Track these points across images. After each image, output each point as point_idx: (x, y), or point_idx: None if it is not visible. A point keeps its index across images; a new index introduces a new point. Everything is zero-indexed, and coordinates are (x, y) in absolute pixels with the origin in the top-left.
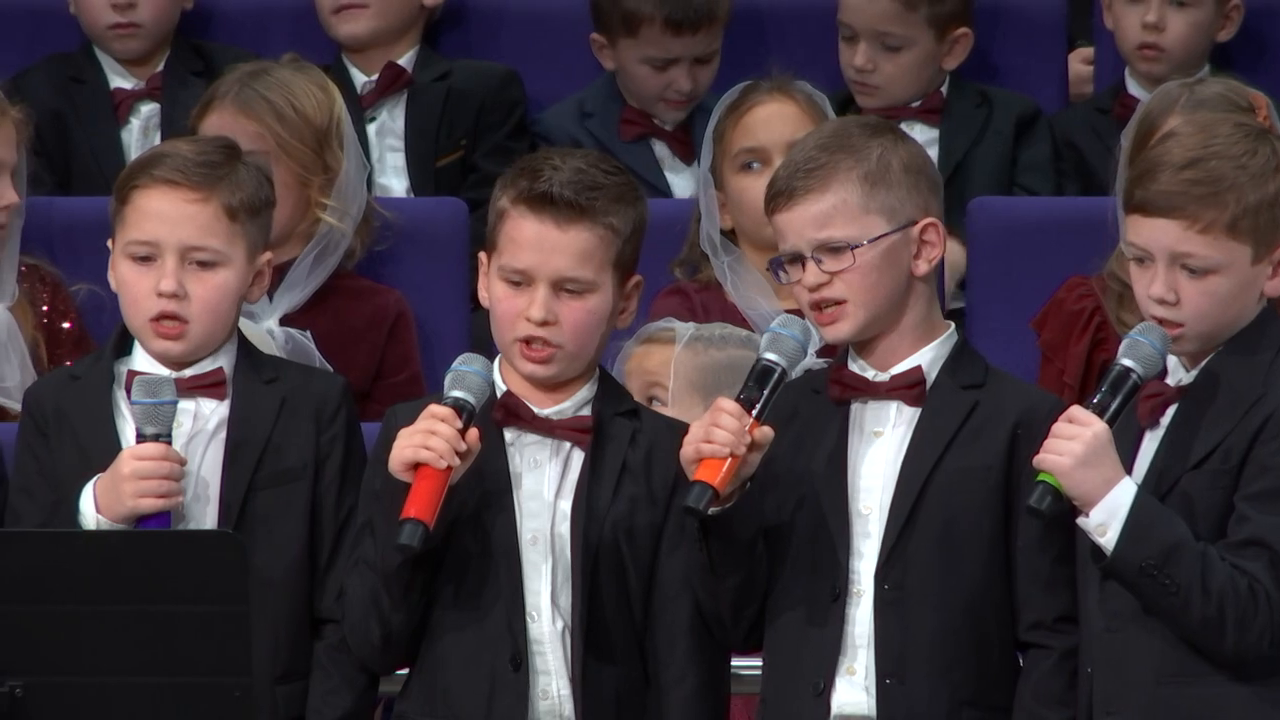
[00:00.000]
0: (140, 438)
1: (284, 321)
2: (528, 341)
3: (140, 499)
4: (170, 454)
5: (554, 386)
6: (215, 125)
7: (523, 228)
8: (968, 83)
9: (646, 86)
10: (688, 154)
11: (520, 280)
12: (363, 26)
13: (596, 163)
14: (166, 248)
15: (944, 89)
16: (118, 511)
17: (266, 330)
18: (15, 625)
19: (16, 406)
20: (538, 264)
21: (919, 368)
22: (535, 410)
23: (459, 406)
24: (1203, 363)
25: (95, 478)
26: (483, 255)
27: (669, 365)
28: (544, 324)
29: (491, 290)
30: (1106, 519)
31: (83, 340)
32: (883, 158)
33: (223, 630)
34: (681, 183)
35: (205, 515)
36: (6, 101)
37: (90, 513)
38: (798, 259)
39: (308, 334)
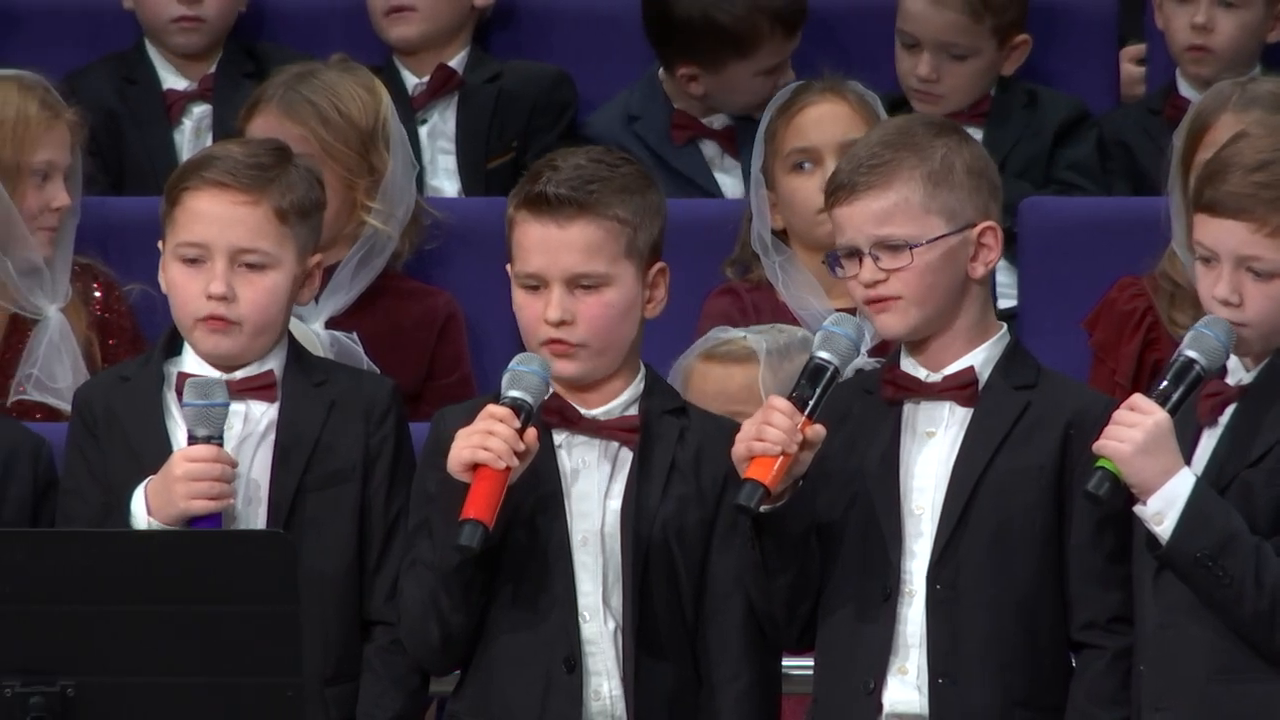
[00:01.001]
0: (192, 440)
1: (332, 323)
2: (551, 344)
3: (192, 500)
4: (222, 456)
5: (597, 386)
6: (261, 128)
7: (528, 232)
8: (1016, 83)
9: (756, 98)
10: (736, 154)
11: (535, 284)
12: (413, 30)
13: (600, 157)
14: (216, 250)
15: (992, 90)
16: (169, 513)
17: (313, 333)
18: (67, 625)
19: (67, 407)
20: (546, 265)
21: (971, 368)
22: (582, 411)
23: (517, 406)
24: (1264, 362)
25: (147, 480)
26: (508, 268)
27: (752, 388)
28: (561, 324)
29: (514, 299)
30: (1164, 508)
31: (136, 340)
32: (946, 158)
33: (273, 630)
34: (730, 182)
35: (255, 516)
36: (62, 103)
37: (141, 514)
38: (854, 254)
39: (354, 336)
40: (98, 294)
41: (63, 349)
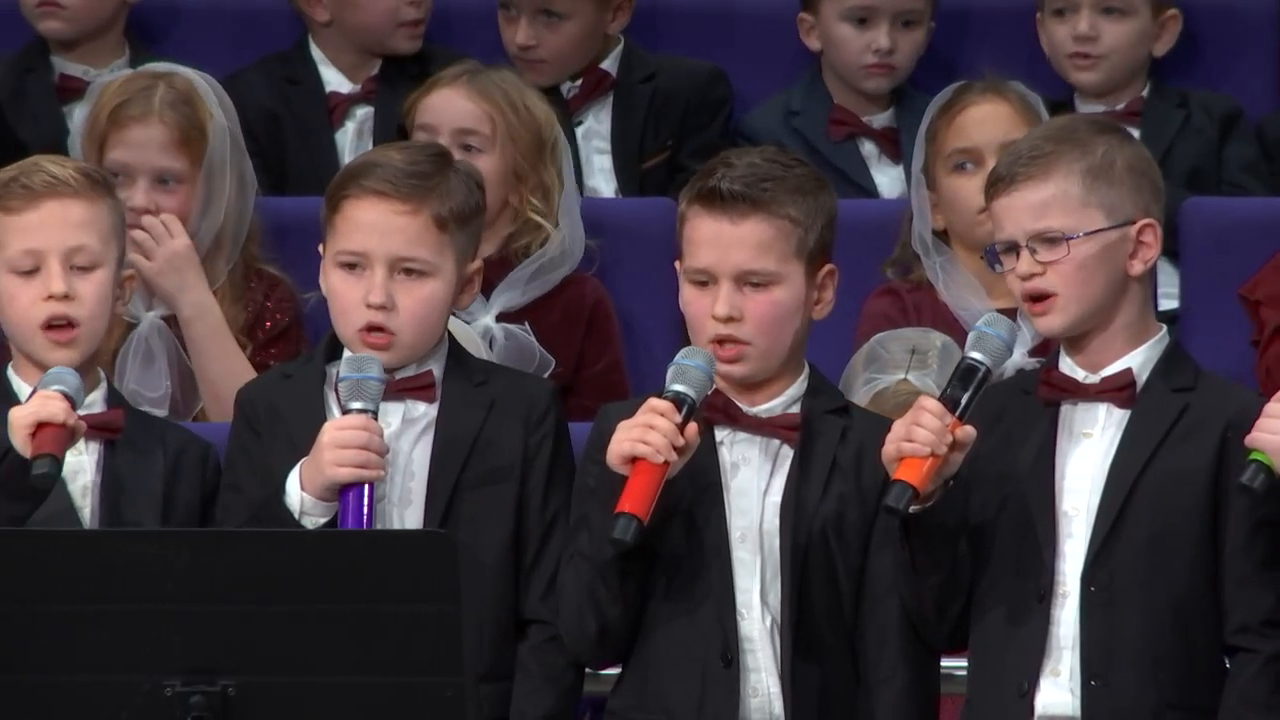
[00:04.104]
0: (345, 413)
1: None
2: (720, 343)
3: (338, 468)
4: (371, 425)
5: (761, 384)
6: (439, 100)
7: (699, 227)
8: (1168, 86)
9: (846, 52)
10: (895, 153)
11: (704, 280)
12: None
13: (774, 156)
14: (376, 259)
15: (1145, 92)
16: (318, 483)
17: (484, 327)
18: (228, 625)
19: (161, 413)
20: (716, 260)
21: (1129, 370)
22: (745, 408)
23: (679, 400)
24: None
25: (303, 459)
26: (677, 264)
27: None
28: (728, 320)
29: (681, 295)
30: None
31: (300, 345)
32: (1108, 154)
33: (434, 630)
34: (888, 182)
35: (412, 514)
36: (154, 99)
37: (295, 490)
38: (1012, 248)
39: (526, 327)
40: (260, 296)
41: (158, 353)
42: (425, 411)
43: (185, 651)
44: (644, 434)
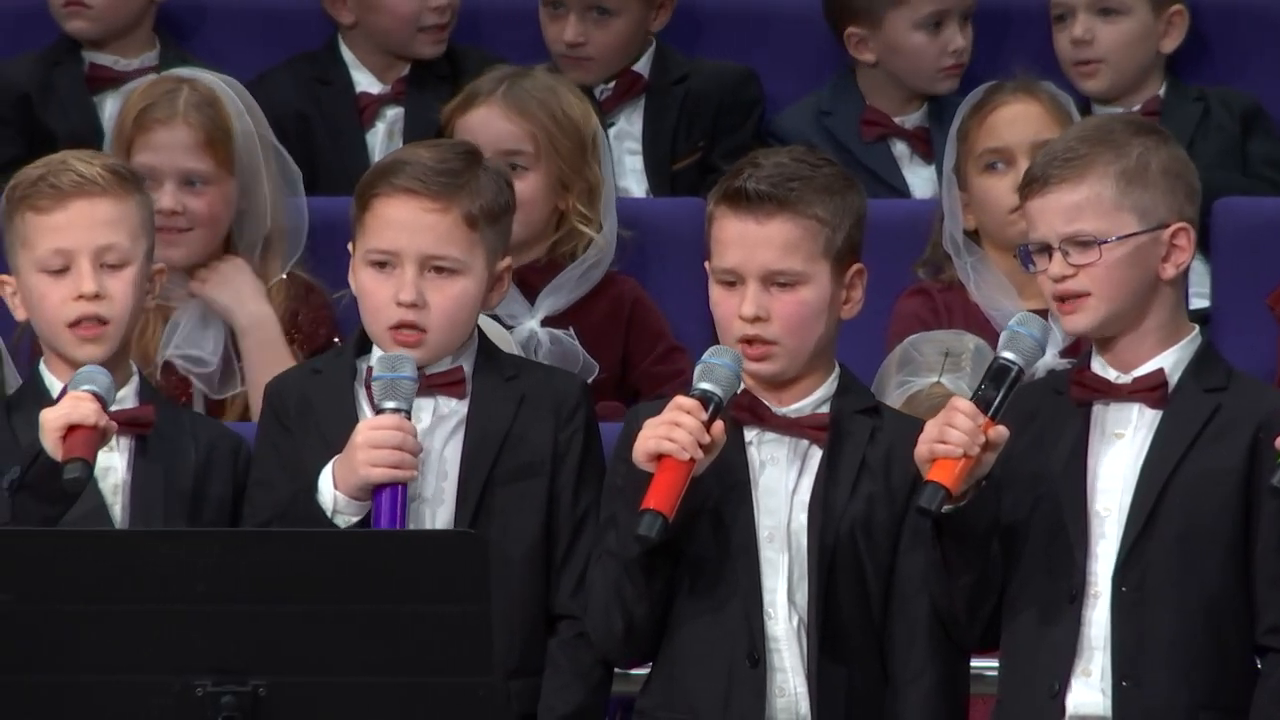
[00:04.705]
0: (378, 412)
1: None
2: (747, 342)
3: (372, 468)
4: (404, 425)
5: (790, 383)
6: (480, 120)
7: (726, 227)
8: (1186, 84)
9: (924, 58)
10: (927, 153)
11: (732, 280)
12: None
13: (802, 156)
14: (406, 257)
15: (1162, 91)
16: (352, 482)
17: (529, 332)
18: (259, 625)
19: (205, 370)
20: (743, 260)
21: (1161, 370)
22: (773, 408)
23: (705, 398)
24: None
25: (336, 457)
26: (707, 264)
27: None
28: (755, 320)
29: (710, 294)
30: None
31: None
32: (1142, 157)
33: (464, 630)
34: (920, 182)
35: (444, 511)
36: (178, 102)
37: (328, 488)
38: (1045, 249)
39: (571, 333)
40: (305, 312)
41: (209, 322)
42: (456, 408)
43: (216, 652)
44: (670, 431)
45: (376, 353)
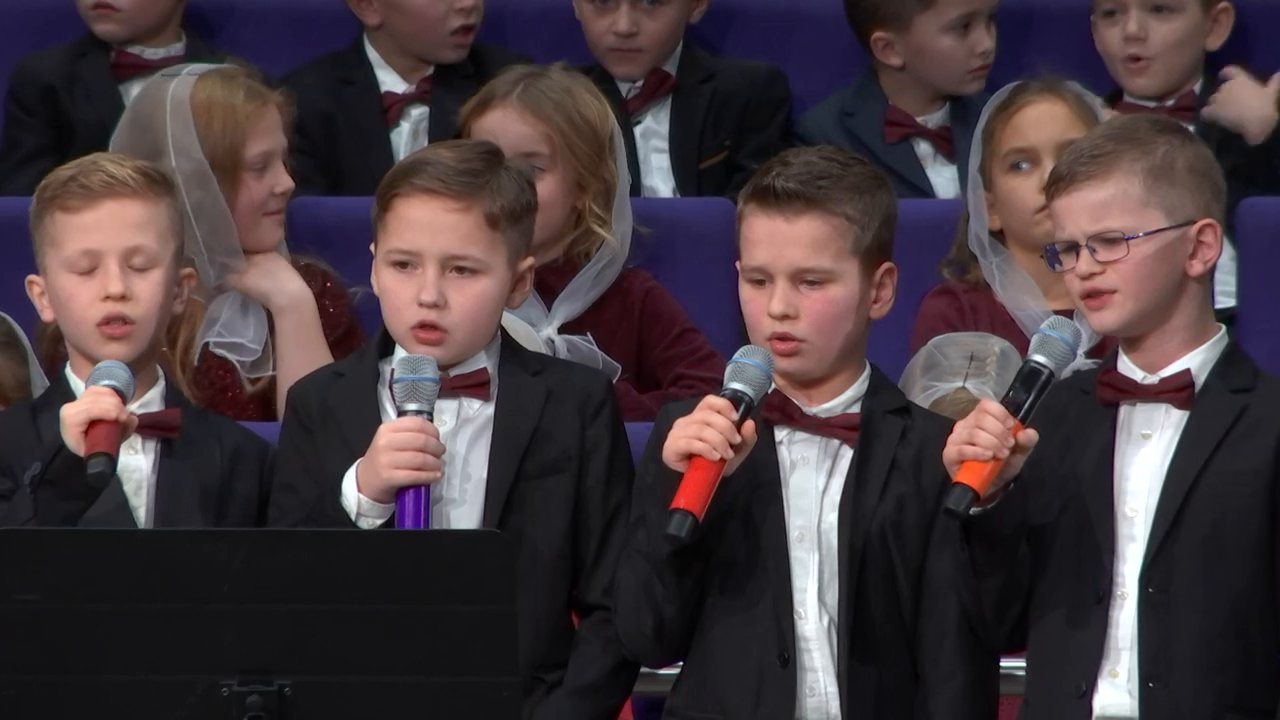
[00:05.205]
0: (401, 414)
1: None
2: (777, 340)
3: (395, 470)
4: (426, 427)
5: (820, 383)
6: (496, 123)
7: (755, 225)
8: (1221, 82)
9: (951, 62)
10: (950, 152)
11: (761, 278)
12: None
13: (832, 155)
14: (427, 257)
15: (1197, 87)
16: (375, 485)
17: (546, 339)
18: (284, 625)
19: (249, 360)
20: (772, 258)
21: (1188, 370)
22: (804, 408)
23: (736, 398)
24: None
25: (358, 461)
26: (738, 263)
27: None
28: (784, 318)
29: (740, 293)
30: None
31: (351, 338)
32: (1168, 154)
33: (489, 629)
34: (944, 182)
35: (469, 512)
36: (266, 89)
37: (352, 491)
38: (1072, 248)
39: (588, 337)
40: (324, 301)
41: (249, 309)
42: (480, 409)
43: (242, 651)
44: (700, 430)
45: (399, 355)
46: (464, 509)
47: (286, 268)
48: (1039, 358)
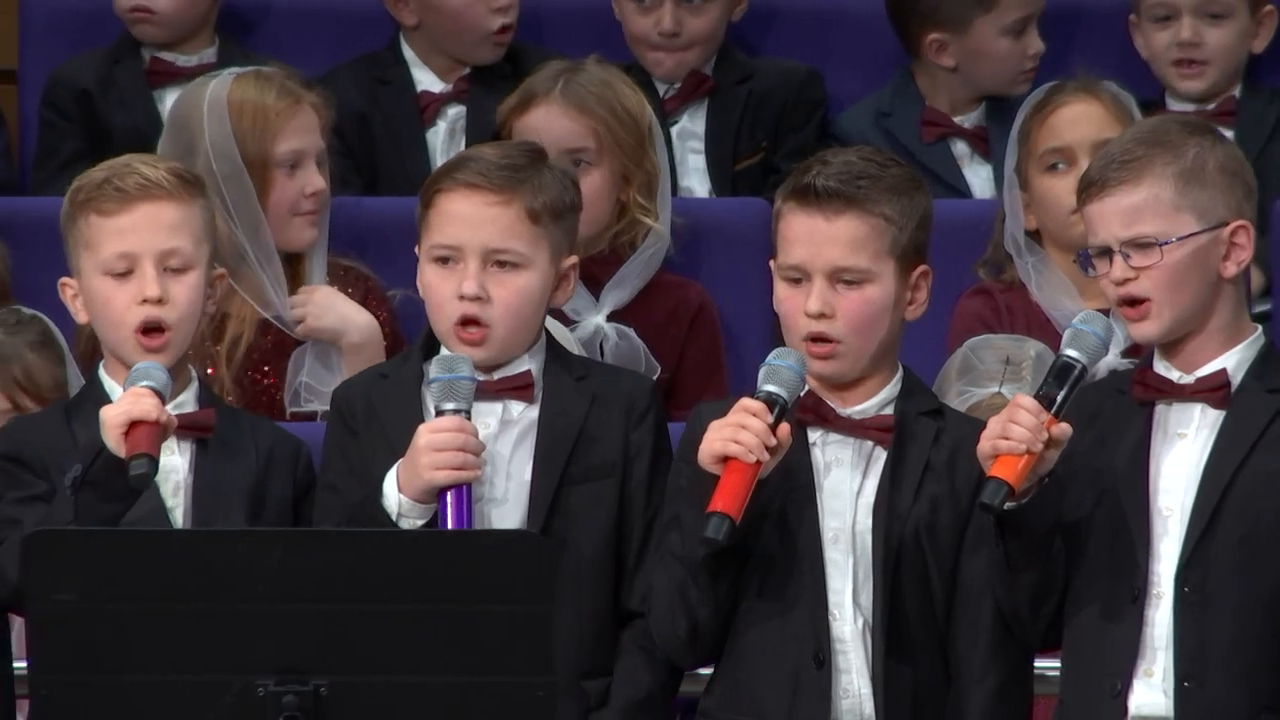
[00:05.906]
0: (439, 414)
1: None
2: (812, 340)
3: (435, 471)
4: (465, 426)
5: (854, 384)
6: (540, 120)
7: (793, 224)
8: (1261, 85)
9: (1006, 64)
10: (986, 152)
11: (798, 277)
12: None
13: (870, 155)
14: (469, 250)
15: (1237, 92)
16: (416, 486)
17: (595, 327)
18: (321, 624)
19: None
20: (809, 257)
21: (1224, 370)
22: (838, 409)
23: (771, 401)
24: None
25: (399, 462)
26: (772, 262)
27: None
28: (820, 316)
29: (775, 293)
30: None
31: (394, 343)
32: (1199, 156)
33: (526, 630)
34: (980, 182)
35: (512, 513)
36: (302, 89)
37: (393, 492)
38: (1105, 253)
39: (632, 330)
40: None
41: (330, 360)
42: (524, 413)
43: (278, 651)
44: (736, 433)
45: (444, 353)
46: (506, 508)
47: (342, 298)
48: (1071, 352)
